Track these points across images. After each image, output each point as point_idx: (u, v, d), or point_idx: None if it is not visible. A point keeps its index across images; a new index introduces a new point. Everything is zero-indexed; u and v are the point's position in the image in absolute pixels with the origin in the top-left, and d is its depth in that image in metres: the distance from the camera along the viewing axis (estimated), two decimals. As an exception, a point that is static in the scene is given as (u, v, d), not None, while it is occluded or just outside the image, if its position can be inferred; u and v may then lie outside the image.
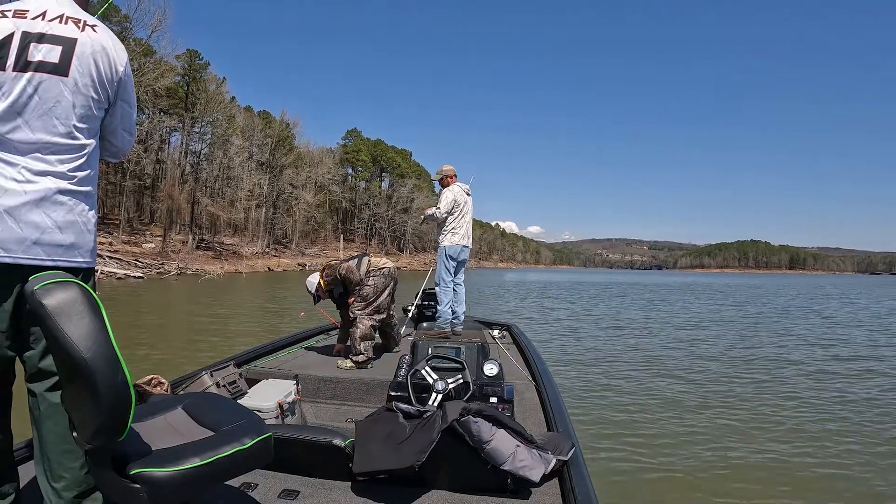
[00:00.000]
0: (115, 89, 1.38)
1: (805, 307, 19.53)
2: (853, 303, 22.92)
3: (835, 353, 8.93)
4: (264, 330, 9.86)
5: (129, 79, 1.42)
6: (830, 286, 46.52)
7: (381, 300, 3.67)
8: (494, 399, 2.35)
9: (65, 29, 1.28)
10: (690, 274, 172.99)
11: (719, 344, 9.67)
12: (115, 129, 1.44)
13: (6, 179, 1.23)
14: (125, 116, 1.44)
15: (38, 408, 1.30)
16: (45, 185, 1.26)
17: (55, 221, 1.27)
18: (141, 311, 12.49)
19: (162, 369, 2.97)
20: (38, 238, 1.26)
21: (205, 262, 36.74)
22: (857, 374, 7.18)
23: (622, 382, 6.26)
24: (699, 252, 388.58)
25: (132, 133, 1.50)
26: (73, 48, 1.28)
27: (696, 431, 4.50)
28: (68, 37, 1.28)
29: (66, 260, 1.30)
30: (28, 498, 1.49)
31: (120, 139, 1.47)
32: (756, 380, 6.61)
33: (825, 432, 4.56)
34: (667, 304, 19.61)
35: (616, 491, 3.28)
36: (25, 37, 1.24)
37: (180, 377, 2.75)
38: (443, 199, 4.80)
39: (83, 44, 1.29)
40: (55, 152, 1.28)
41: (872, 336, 11.38)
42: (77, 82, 1.29)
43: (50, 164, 1.27)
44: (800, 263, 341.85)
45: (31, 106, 1.25)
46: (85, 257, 1.35)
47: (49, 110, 1.26)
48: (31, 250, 1.25)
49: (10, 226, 1.23)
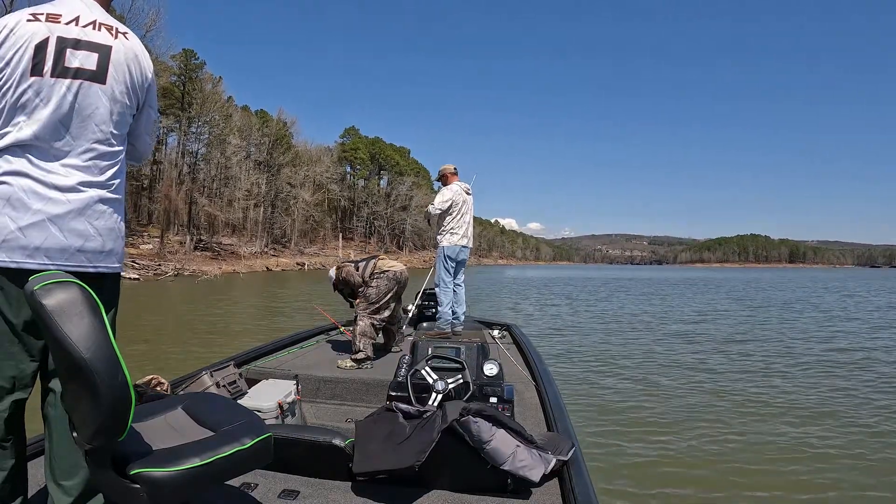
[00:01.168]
0: (145, 96, 1.40)
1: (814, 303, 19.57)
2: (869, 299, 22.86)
3: (840, 347, 8.95)
4: (262, 330, 9.86)
5: (154, 84, 1.45)
6: (835, 281, 46.43)
7: (383, 302, 3.72)
8: (494, 399, 2.35)
9: (99, 36, 1.29)
10: (691, 269, 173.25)
11: (721, 342, 9.68)
12: (140, 133, 1.47)
13: (48, 188, 1.24)
14: (149, 121, 1.47)
15: (49, 408, 1.31)
16: (89, 193, 1.27)
17: (97, 229, 1.29)
18: (134, 312, 12.45)
19: (159, 369, 2.96)
20: (82, 245, 1.27)
21: (202, 262, 36.52)
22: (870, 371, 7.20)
23: (622, 382, 6.27)
24: (699, 247, 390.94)
25: (153, 136, 1.54)
26: (109, 55, 1.29)
27: (697, 431, 4.50)
28: (104, 44, 1.29)
29: (107, 266, 1.33)
30: (34, 494, 1.49)
31: (143, 143, 1.50)
32: (759, 379, 6.61)
33: (831, 431, 4.56)
34: (669, 300, 19.63)
35: (616, 491, 3.29)
36: (61, 42, 1.24)
37: (180, 377, 2.75)
38: (438, 197, 4.73)
39: (118, 51, 1.31)
40: (94, 159, 1.29)
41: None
42: (114, 89, 1.30)
43: (90, 172, 1.28)
44: (800, 257, 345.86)
45: (71, 113, 1.25)
46: (120, 262, 1.39)
47: (88, 117, 1.27)
48: (74, 258, 1.26)
49: (54, 234, 1.24)
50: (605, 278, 46.15)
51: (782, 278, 54.28)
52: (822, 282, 44.37)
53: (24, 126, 1.23)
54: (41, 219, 1.22)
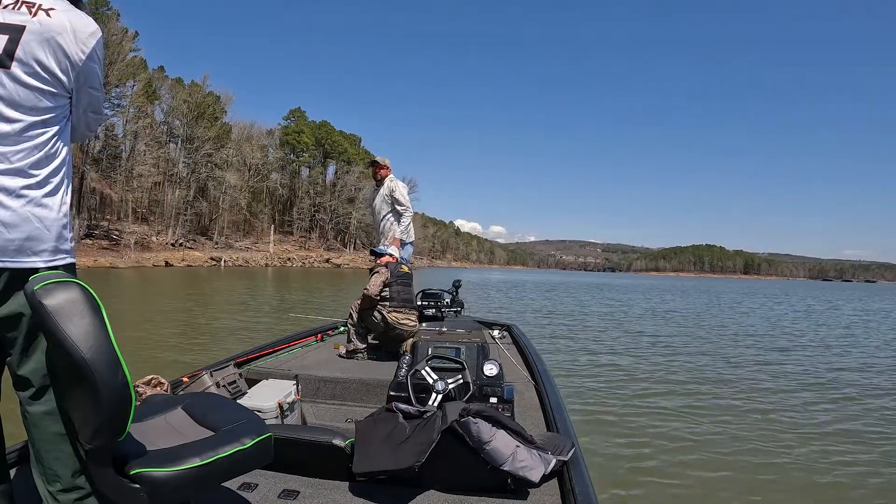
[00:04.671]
0: (76, 76, 1.29)
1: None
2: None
3: (837, 357, 8.95)
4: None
5: (95, 63, 1.33)
6: (815, 292, 46.29)
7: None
8: (494, 399, 2.35)
9: (15, 16, 1.21)
10: (649, 277, 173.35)
11: (719, 343, 9.68)
12: (80, 115, 1.37)
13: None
14: (92, 100, 1.37)
15: (24, 415, 1.27)
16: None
17: (3, 221, 1.18)
18: None
19: (160, 370, 2.96)
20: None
21: (94, 252, 30.93)
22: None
23: (623, 382, 6.27)
24: (654, 255, 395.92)
25: (99, 112, 1.43)
26: (20, 35, 1.20)
27: (697, 431, 4.50)
28: (16, 24, 1.20)
29: (15, 261, 1.21)
30: (25, 500, 1.49)
31: (84, 122, 1.40)
32: (758, 379, 6.61)
33: (831, 432, 4.56)
34: (662, 304, 19.63)
35: (616, 491, 3.29)
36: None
37: (180, 377, 2.76)
38: (405, 191, 4.35)
39: (31, 31, 1.21)
40: (5, 146, 1.19)
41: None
42: (20, 72, 1.20)
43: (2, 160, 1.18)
44: (754, 268, 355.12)
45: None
46: (42, 256, 1.24)
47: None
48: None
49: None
50: (580, 284, 44.82)
51: (751, 287, 53.55)
52: (800, 292, 44.09)
53: None
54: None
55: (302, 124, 68.71)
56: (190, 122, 46.82)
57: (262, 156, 57.82)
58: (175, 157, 46.49)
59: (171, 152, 46.94)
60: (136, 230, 39.31)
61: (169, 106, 46.64)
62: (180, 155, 45.87)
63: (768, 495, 3.33)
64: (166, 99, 46.75)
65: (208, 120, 48.42)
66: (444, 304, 5.36)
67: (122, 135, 42.31)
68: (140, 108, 42.02)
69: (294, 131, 66.83)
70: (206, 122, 47.85)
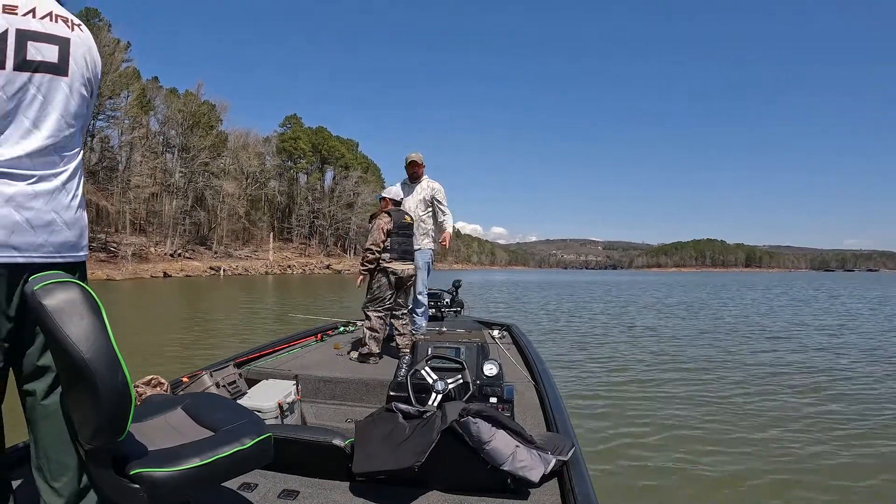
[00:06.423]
0: (97, 85, 1.42)
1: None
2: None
3: (838, 352, 8.94)
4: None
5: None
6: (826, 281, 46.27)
7: (386, 295, 3.78)
8: (494, 399, 2.36)
9: (57, 28, 1.28)
10: (650, 273, 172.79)
11: (719, 342, 9.66)
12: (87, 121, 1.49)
13: (13, 180, 1.20)
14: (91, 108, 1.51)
15: (35, 409, 1.28)
16: (53, 183, 1.26)
17: (64, 220, 1.28)
18: None
19: (160, 370, 2.96)
20: (46, 240, 1.25)
21: (91, 266, 29.41)
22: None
23: (622, 382, 6.26)
24: (655, 251, 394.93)
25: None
26: (69, 47, 1.29)
27: (697, 431, 4.50)
28: (62, 36, 1.28)
29: (74, 255, 1.33)
30: (21, 499, 1.49)
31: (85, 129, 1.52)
32: (759, 379, 6.60)
33: (834, 432, 4.54)
34: (661, 301, 19.62)
35: (616, 491, 3.29)
36: (20, 34, 1.22)
37: (180, 377, 2.76)
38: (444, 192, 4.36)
39: (75, 43, 1.31)
40: (57, 151, 1.28)
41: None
42: (74, 81, 1.30)
43: (53, 164, 1.27)
44: (756, 261, 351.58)
45: (35, 106, 1.24)
46: (85, 251, 1.39)
47: (52, 110, 1.26)
48: (42, 249, 1.25)
49: (22, 226, 1.21)
50: (583, 282, 45.39)
51: (759, 281, 53.51)
52: (814, 283, 43.96)
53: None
54: (7, 212, 1.19)
55: (298, 130, 69.14)
56: (185, 131, 46.68)
57: (259, 163, 57.75)
58: (171, 167, 46.22)
59: (167, 162, 46.59)
60: (134, 242, 39.29)
61: (164, 116, 46.52)
62: (177, 165, 45.82)
63: (770, 495, 3.33)
64: (161, 109, 46.62)
65: (204, 129, 48.25)
66: (444, 304, 5.36)
67: (117, 146, 42.28)
68: (135, 118, 42.07)
69: (290, 138, 67.16)
70: (201, 130, 47.72)
